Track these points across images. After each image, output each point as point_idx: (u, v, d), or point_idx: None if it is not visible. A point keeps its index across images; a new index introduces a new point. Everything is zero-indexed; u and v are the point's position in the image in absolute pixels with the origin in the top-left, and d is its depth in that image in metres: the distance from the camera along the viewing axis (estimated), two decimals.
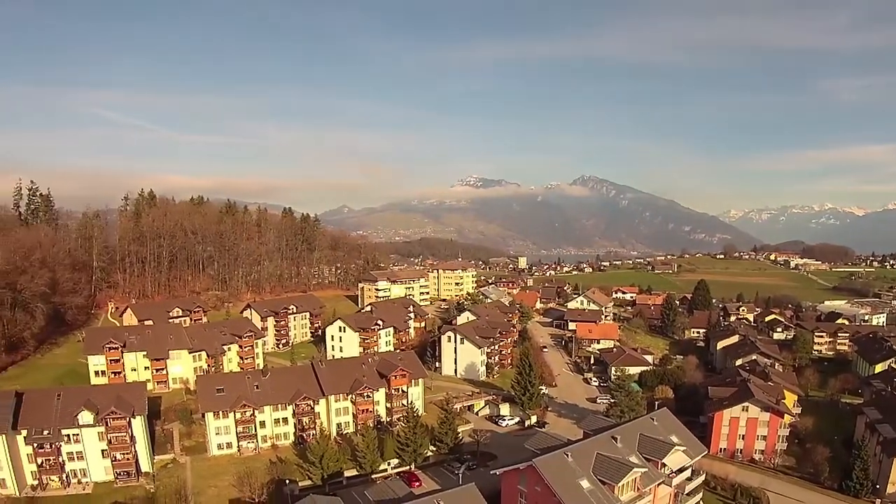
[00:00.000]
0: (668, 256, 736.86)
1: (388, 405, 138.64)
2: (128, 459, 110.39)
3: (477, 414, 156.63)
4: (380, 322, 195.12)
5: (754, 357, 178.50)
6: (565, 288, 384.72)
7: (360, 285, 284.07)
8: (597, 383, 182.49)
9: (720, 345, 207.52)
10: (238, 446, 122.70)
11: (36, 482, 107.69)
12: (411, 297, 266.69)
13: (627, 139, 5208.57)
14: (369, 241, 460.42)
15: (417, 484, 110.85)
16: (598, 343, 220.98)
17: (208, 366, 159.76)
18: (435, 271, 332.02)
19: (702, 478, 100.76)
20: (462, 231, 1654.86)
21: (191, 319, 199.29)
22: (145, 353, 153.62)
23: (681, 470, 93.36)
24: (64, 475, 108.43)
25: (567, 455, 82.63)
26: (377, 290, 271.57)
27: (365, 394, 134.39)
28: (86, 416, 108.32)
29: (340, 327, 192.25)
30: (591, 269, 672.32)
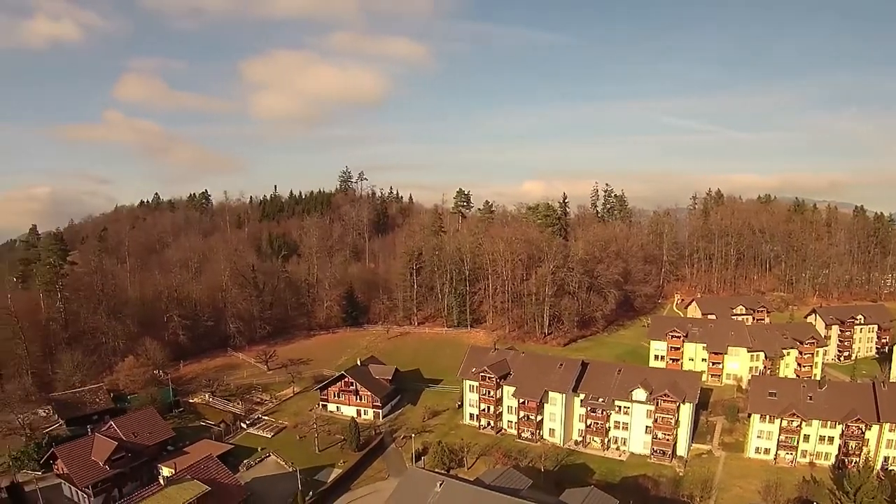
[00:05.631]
0: None
1: None
2: (667, 440, 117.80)
3: None
4: None
5: None
6: None
7: None
8: None
9: None
10: (775, 454, 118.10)
11: (580, 439, 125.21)
12: None
13: None
14: None
15: None
16: None
17: (764, 367, 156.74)
18: None
19: None
20: None
21: (753, 318, 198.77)
22: (705, 345, 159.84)
23: None
24: (606, 439, 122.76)
25: None
26: None
27: None
28: (639, 394, 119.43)
29: None
30: None
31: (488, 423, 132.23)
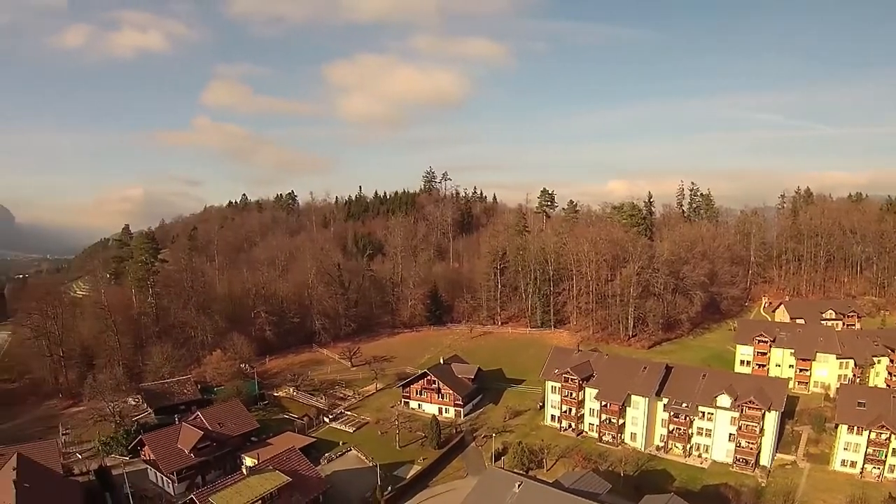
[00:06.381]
0: None
1: None
2: (751, 449, 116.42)
3: None
4: None
5: None
6: None
7: None
8: None
9: None
10: (861, 468, 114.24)
11: (661, 444, 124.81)
12: None
13: None
14: None
15: None
16: None
17: (853, 375, 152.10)
18: None
19: None
20: None
21: (843, 323, 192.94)
22: (793, 351, 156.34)
23: None
24: (688, 445, 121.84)
25: None
26: None
27: None
28: (724, 400, 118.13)
29: None
30: None
31: (569, 425, 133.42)
